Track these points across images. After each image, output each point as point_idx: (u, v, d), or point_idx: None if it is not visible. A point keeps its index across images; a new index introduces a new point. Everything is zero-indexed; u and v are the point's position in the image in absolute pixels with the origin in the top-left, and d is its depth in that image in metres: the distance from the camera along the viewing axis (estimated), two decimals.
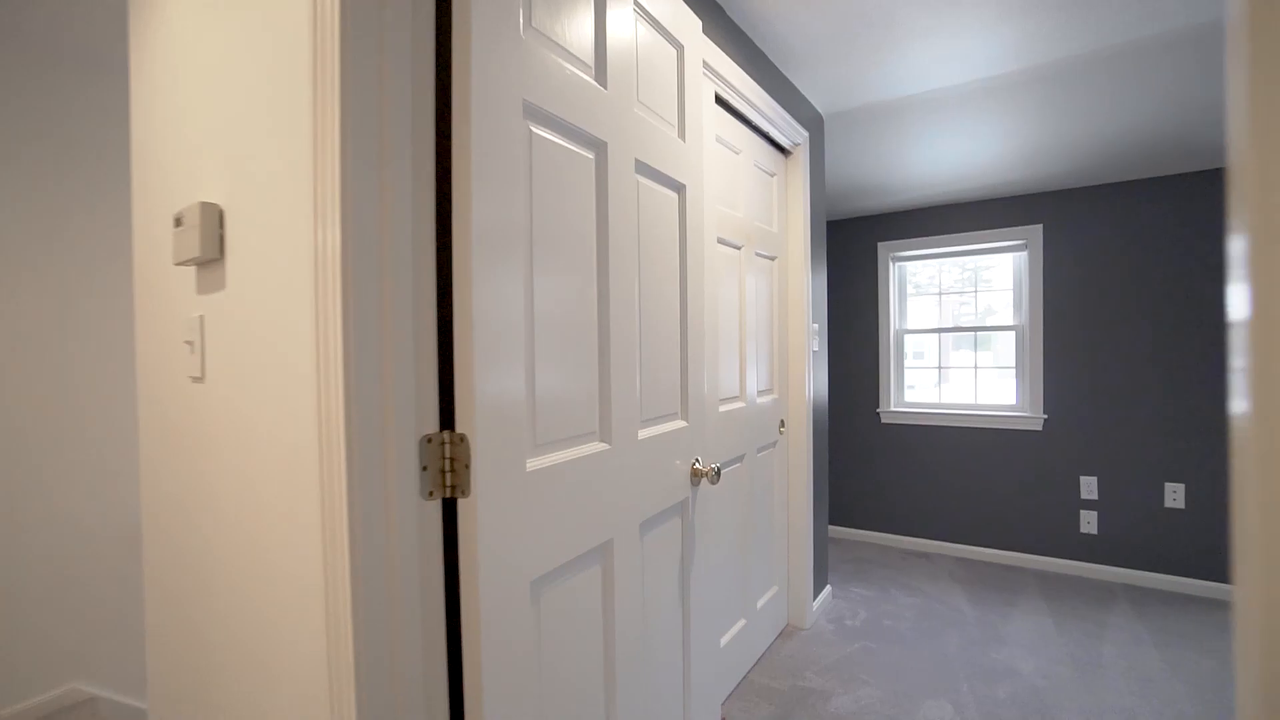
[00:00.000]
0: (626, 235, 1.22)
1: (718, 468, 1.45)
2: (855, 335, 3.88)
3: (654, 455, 1.30)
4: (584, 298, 1.10)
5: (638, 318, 1.26)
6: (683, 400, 1.45)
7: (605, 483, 1.14)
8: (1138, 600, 2.93)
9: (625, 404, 1.20)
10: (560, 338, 1.04)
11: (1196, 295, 2.97)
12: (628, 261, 1.22)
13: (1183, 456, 3.01)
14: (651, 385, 1.31)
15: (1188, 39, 2.16)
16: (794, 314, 2.60)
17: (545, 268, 1.01)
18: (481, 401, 0.86)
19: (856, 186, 3.43)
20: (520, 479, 0.93)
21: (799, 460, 2.63)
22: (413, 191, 0.84)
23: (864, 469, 3.86)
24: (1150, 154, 2.84)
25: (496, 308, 0.89)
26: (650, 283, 1.31)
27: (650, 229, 1.31)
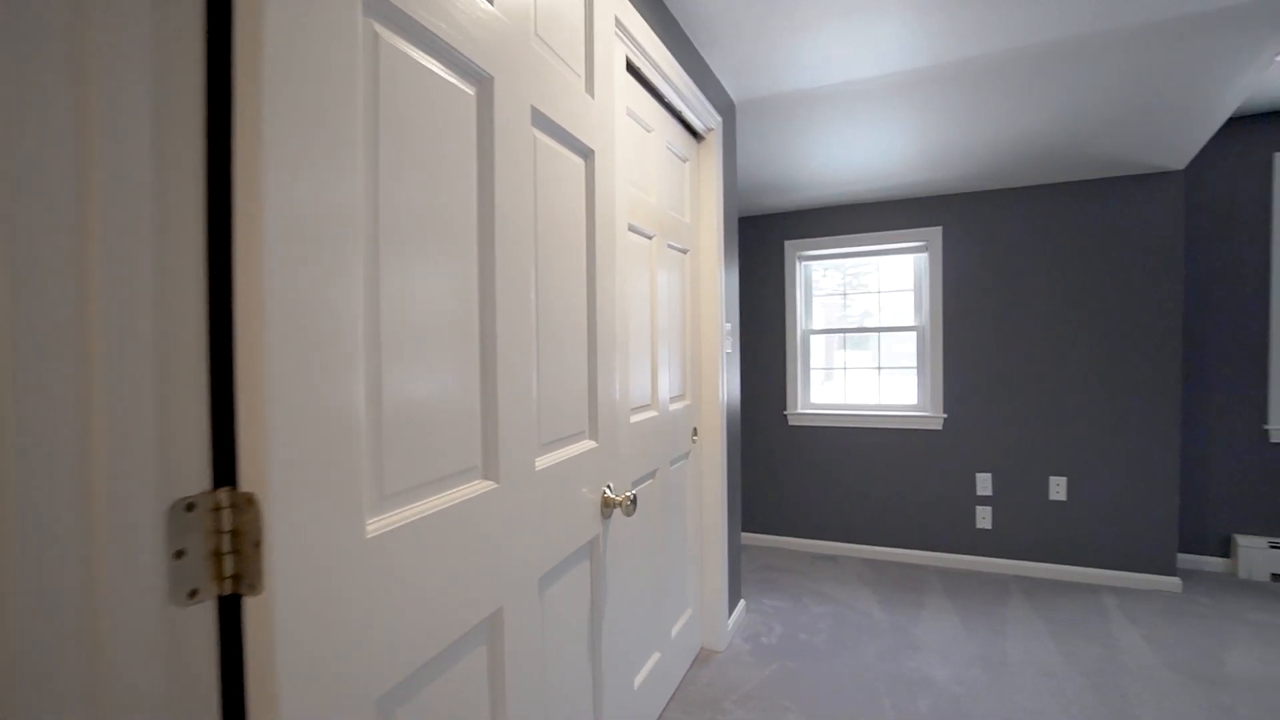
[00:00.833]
0: (520, 207, 0.93)
1: (633, 496, 1.19)
2: (762, 336, 3.80)
3: (557, 488, 1.03)
4: (461, 289, 0.81)
5: (534, 314, 0.98)
6: (592, 415, 1.19)
7: (492, 534, 0.85)
8: (1029, 591, 3.03)
9: (519, 426, 0.92)
10: (423, 345, 0.74)
11: (1082, 298, 3.13)
12: (521, 241, 0.93)
13: (1065, 451, 3.17)
14: (553, 400, 1.04)
15: (1083, 49, 2.19)
16: (707, 313, 2.41)
17: (399, 247, 0.70)
18: (281, 441, 0.54)
19: (765, 182, 3.33)
20: (355, 552, 0.63)
21: (713, 471, 2.45)
22: (152, 136, 0.51)
23: (771, 472, 3.79)
24: (1044, 160, 2.94)
25: (311, 305, 0.58)
26: (551, 270, 1.04)
27: (551, 201, 1.04)
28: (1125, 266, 3.05)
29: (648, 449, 1.89)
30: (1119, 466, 3.08)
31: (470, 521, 0.80)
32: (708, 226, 2.39)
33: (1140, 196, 3.02)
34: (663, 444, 2.03)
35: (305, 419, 0.57)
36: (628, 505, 1.18)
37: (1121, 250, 3.05)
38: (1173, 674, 2.29)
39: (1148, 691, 2.17)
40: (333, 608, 0.59)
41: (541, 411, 1.00)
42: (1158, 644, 2.50)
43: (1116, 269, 3.06)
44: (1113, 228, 3.07)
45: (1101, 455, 3.11)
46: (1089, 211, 3.10)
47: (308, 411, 0.57)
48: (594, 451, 1.17)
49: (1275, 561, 3.09)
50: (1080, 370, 3.13)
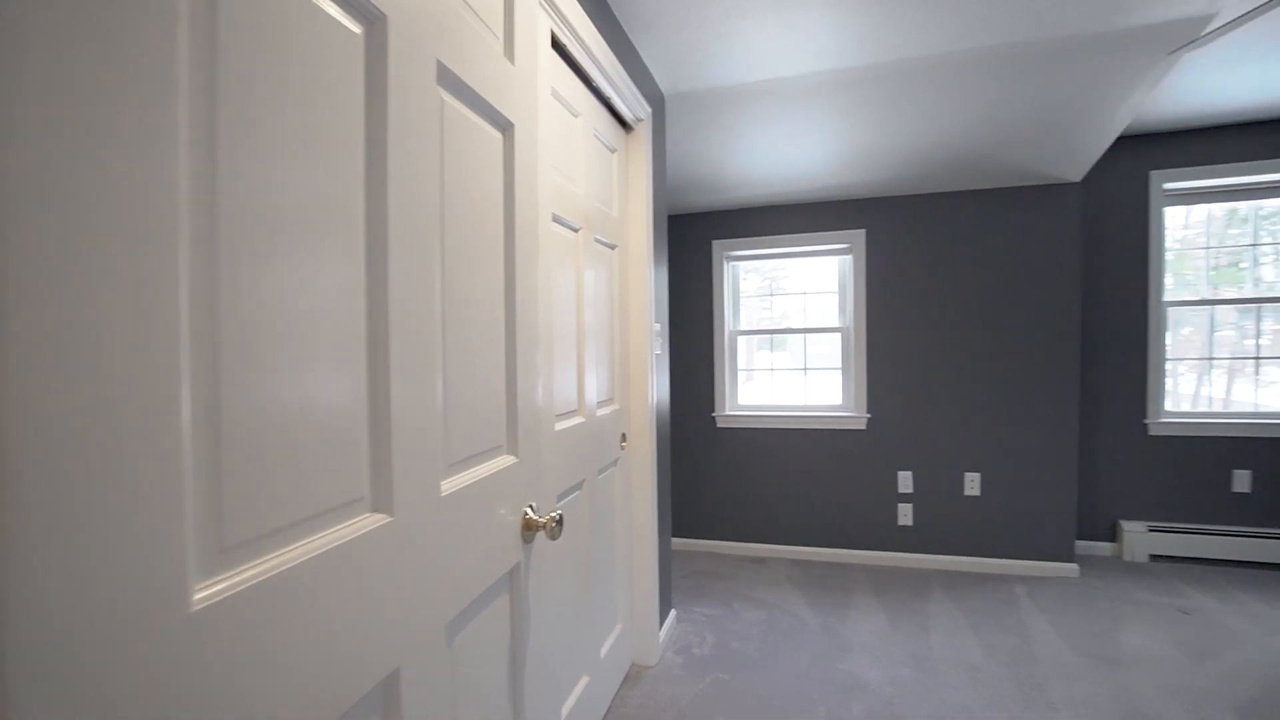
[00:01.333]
0: (422, 183, 0.77)
1: (559, 516, 1.05)
2: (690, 337, 3.74)
3: (469, 515, 0.87)
4: (342, 282, 0.64)
5: (440, 311, 0.83)
6: (511, 426, 1.04)
7: (384, 580, 0.69)
8: (948, 584, 3.13)
9: (419, 445, 0.76)
10: (285, 350, 0.57)
11: (993, 301, 3.26)
12: (423, 224, 0.78)
13: (979, 448, 3.30)
14: (464, 412, 0.88)
15: (996, 60, 2.26)
16: (636, 312, 2.30)
17: (247, 234, 0.53)
18: (30, 478, 0.37)
19: (694, 180, 3.27)
20: (172, 634, 0.45)
21: (643, 478, 2.34)
22: None
23: (701, 475, 3.73)
24: (960, 167, 3.04)
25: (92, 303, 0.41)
26: (462, 260, 0.88)
27: (462, 178, 0.88)
28: (1031, 271, 3.21)
29: (575, 459, 1.75)
30: (1025, 461, 3.25)
31: (354, 568, 0.64)
32: (637, 222, 2.28)
33: (1043, 205, 3.19)
34: (591, 453, 1.89)
35: (77, 448, 0.40)
36: (553, 527, 1.04)
37: (1027, 256, 3.22)
38: (1078, 658, 2.40)
39: (1059, 678, 2.26)
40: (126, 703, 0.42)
41: (450, 426, 0.84)
42: (1063, 629, 2.63)
43: (1023, 274, 3.23)
44: (1020, 234, 3.23)
45: (1010, 451, 3.26)
46: (1000, 218, 3.25)
47: (82, 437, 0.40)
48: (514, 468, 1.03)
49: (1154, 544, 3.36)
50: (991, 370, 3.28)
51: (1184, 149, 3.30)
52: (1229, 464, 3.32)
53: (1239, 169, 3.25)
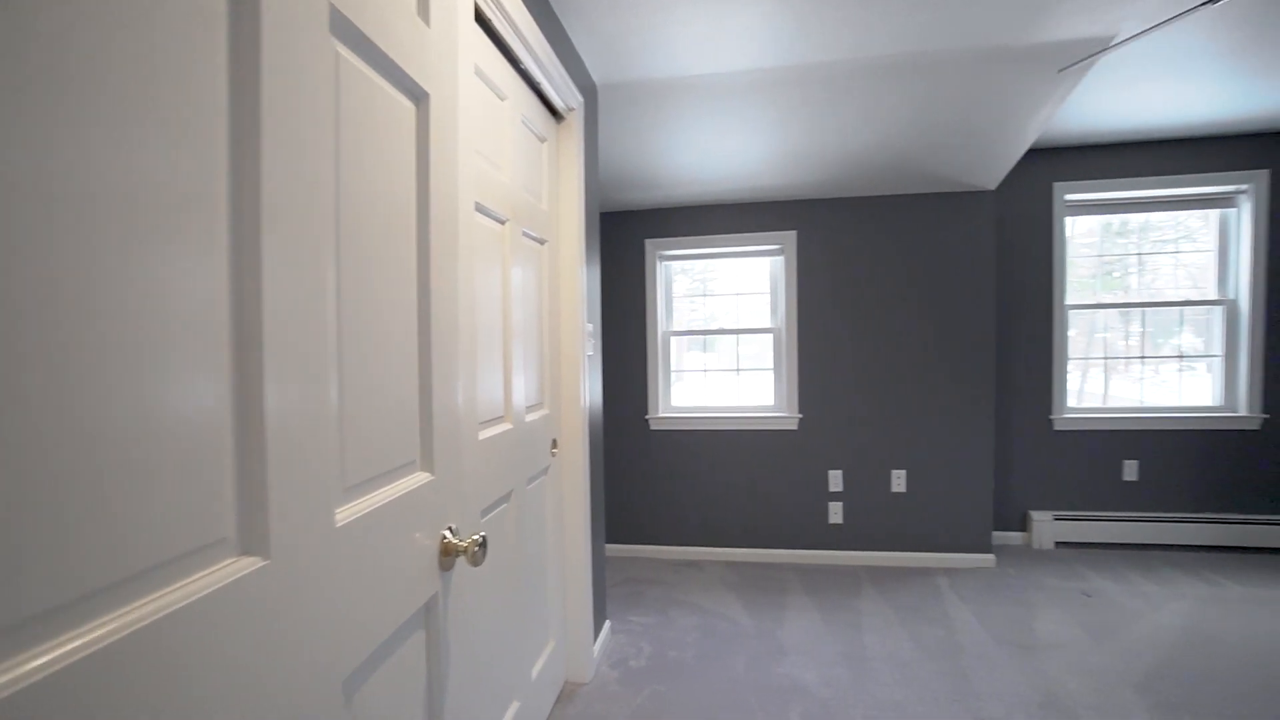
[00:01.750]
0: (310, 152, 0.64)
1: (482, 538, 0.94)
2: (622, 337, 3.66)
3: (373, 547, 0.74)
4: (197, 275, 0.51)
5: (333, 307, 0.69)
6: (426, 438, 0.91)
7: (259, 644, 0.55)
8: (877, 580, 3.19)
9: (305, 467, 0.62)
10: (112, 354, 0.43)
11: (917, 303, 3.37)
12: (310, 203, 0.64)
13: (905, 445, 3.40)
14: (367, 423, 0.75)
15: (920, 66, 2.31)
16: (567, 312, 2.19)
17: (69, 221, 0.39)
18: None
19: (627, 177, 3.19)
20: None
21: (575, 485, 2.23)
22: None
23: (634, 479, 3.66)
24: (887, 172, 3.11)
25: None
26: (363, 249, 0.75)
27: (365, 153, 0.75)
28: (951, 275, 3.34)
29: (501, 470, 1.62)
30: (947, 457, 3.37)
31: (211, 634, 0.50)
32: (568, 216, 2.17)
33: (963, 212, 3.33)
34: (519, 461, 1.77)
35: None
36: (475, 551, 0.92)
37: (948, 260, 3.34)
38: (999, 646, 2.49)
39: (982, 667, 2.33)
40: None
41: (348, 442, 0.71)
42: (984, 618, 2.73)
43: (944, 277, 3.35)
44: (941, 239, 3.35)
45: (933, 448, 3.38)
46: (923, 223, 3.36)
47: None
48: (430, 486, 0.90)
49: (1059, 531, 3.58)
50: (916, 370, 3.38)
51: (1083, 163, 3.54)
52: (1120, 455, 3.59)
53: (1126, 184, 3.51)
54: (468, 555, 0.91)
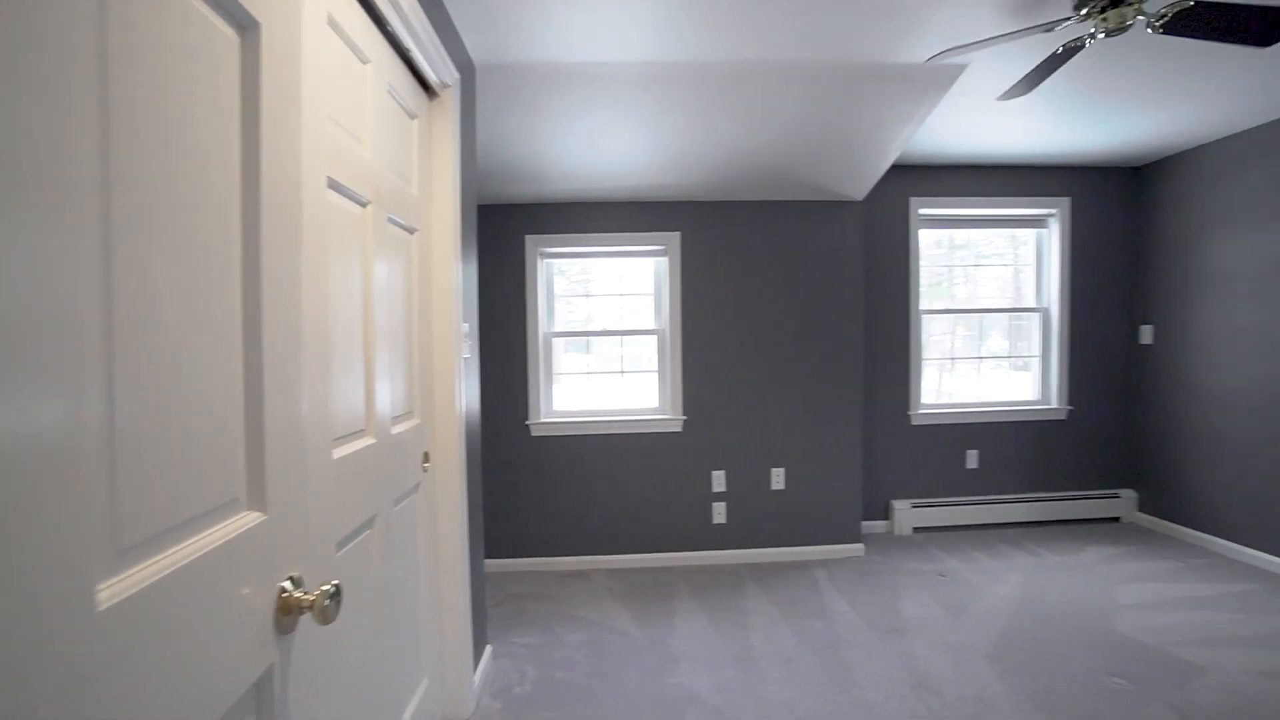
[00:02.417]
0: (49, 89, 0.44)
1: (335, 587, 0.75)
2: (501, 339, 3.44)
3: (166, 625, 0.54)
4: None
5: (100, 297, 0.49)
6: (254, 466, 0.71)
7: None
8: (760, 577, 3.26)
9: (29, 533, 0.42)
10: None
11: (795, 305, 3.49)
12: (50, 162, 0.44)
13: (783, 443, 3.51)
14: (157, 453, 0.55)
15: (798, 74, 2.37)
16: (441, 310, 1.97)
17: None
18: None
19: (507, 168, 2.99)
20: None
21: (451, 501, 2.01)
22: None
23: (515, 489, 3.45)
24: (767, 178, 3.19)
25: None
26: (160, 224, 0.55)
27: (149, 94, 0.54)
28: (824, 280, 3.51)
29: (363, 492, 1.39)
30: (821, 454, 3.54)
31: None
32: (442, 205, 1.95)
33: (835, 220, 3.51)
34: (385, 480, 1.54)
35: None
36: (325, 605, 0.73)
37: (822, 265, 3.51)
38: (872, 632, 2.62)
39: (859, 654, 2.43)
40: None
41: (122, 482, 0.51)
42: (858, 606, 2.87)
43: (818, 282, 3.51)
44: (816, 245, 3.50)
45: (809, 445, 3.53)
46: (800, 229, 3.49)
47: None
48: (261, 529, 0.70)
49: (916, 518, 3.90)
50: (794, 370, 3.51)
51: (932, 181, 3.88)
52: (964, 445, 3.98)
53: (965, 202, 3.91)
54: (315, 612, 0.72)
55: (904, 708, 2.09)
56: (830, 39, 2.16)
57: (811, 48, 2.22)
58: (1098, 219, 4.00)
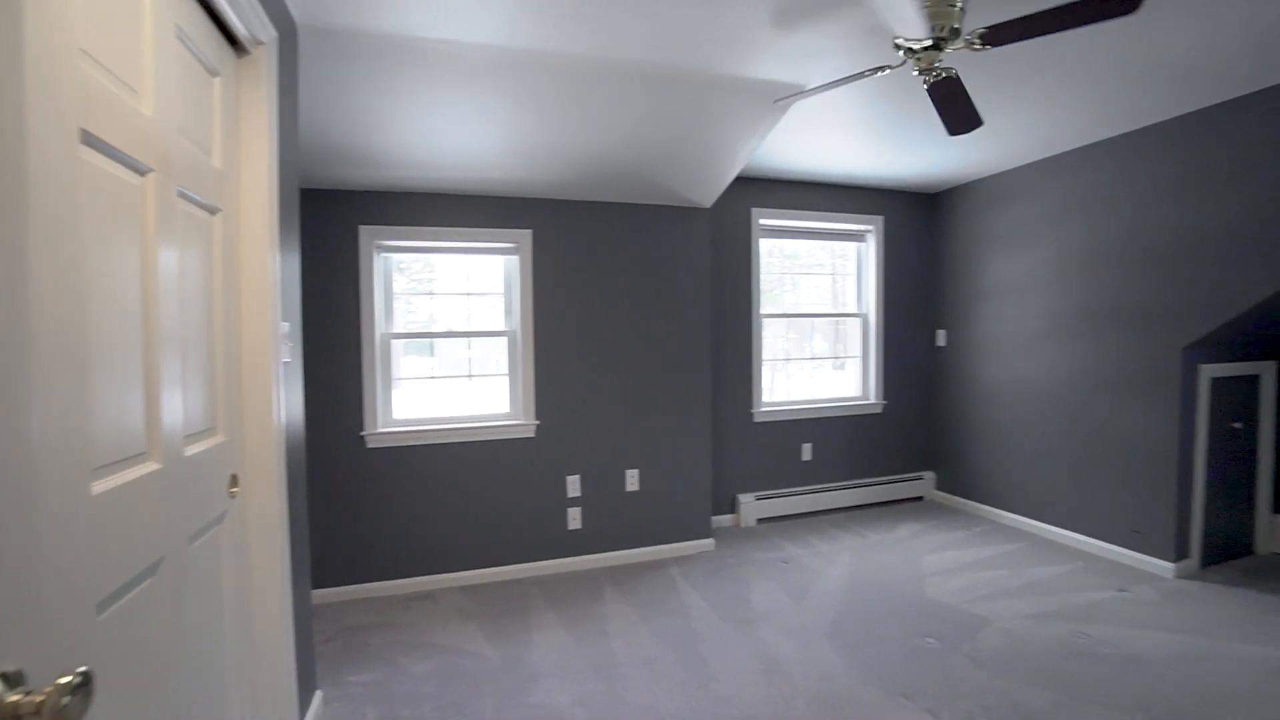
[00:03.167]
0: None
1: (83, 675, 0.56)
2: (331, 340, 3.07)
3: None
4: None
5: None
6: None
7: None
8: (618, 580, 3.24)
9: None
10: None
11: (647, 308, 3.52)
12: None
13: (637, 445, 3.54)
14: None
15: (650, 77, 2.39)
16: (254, 307, 1.67)
17: None
18: None
19: (339, 148, 2.66)
20: None
21: (267, 529, 1.72)
22: None
23: (349, 508, 3.09)
24: (621, 180, 3.17)
25: None
26: None
27: None
28: (675, 283, 3.59)
29: (139, 531, 1.11)
30: (673, 453, 3.61)
31: None
32: (255, 183, 1.65)
33: (686, 226, 3.60)
34: (174, 513, 1.25)
35: None
36: (62, 704, 0.54)
37: (673, 269, 3.58)
38: (726, 624, 2.72)
39: (716, 648, 2.50)
40: None
41: None
42: (712, 600, 2.97)
43: (669, 285, 3.58)
44: (668, 249, 3.57)
45: (661, 445, 3.59)
46: (652, 233, 3.54)
47: None
48: None
49: (760, 509, 4.15)
50: (647, 372, 3.54)
51: (771, 194, 4.16)
52: (799, 439, 4.32)
53: (796, 215, 4.25)
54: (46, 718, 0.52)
55: (759, 694, 2.18)
56: (678, 46, 2.19)
57: (662, 53, 2.24)
58: (905, 236, 4.57)
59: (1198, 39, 2.23)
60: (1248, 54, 2.37)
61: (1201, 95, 2.80)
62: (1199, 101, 2.87)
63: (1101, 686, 2.19)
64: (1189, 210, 3.02)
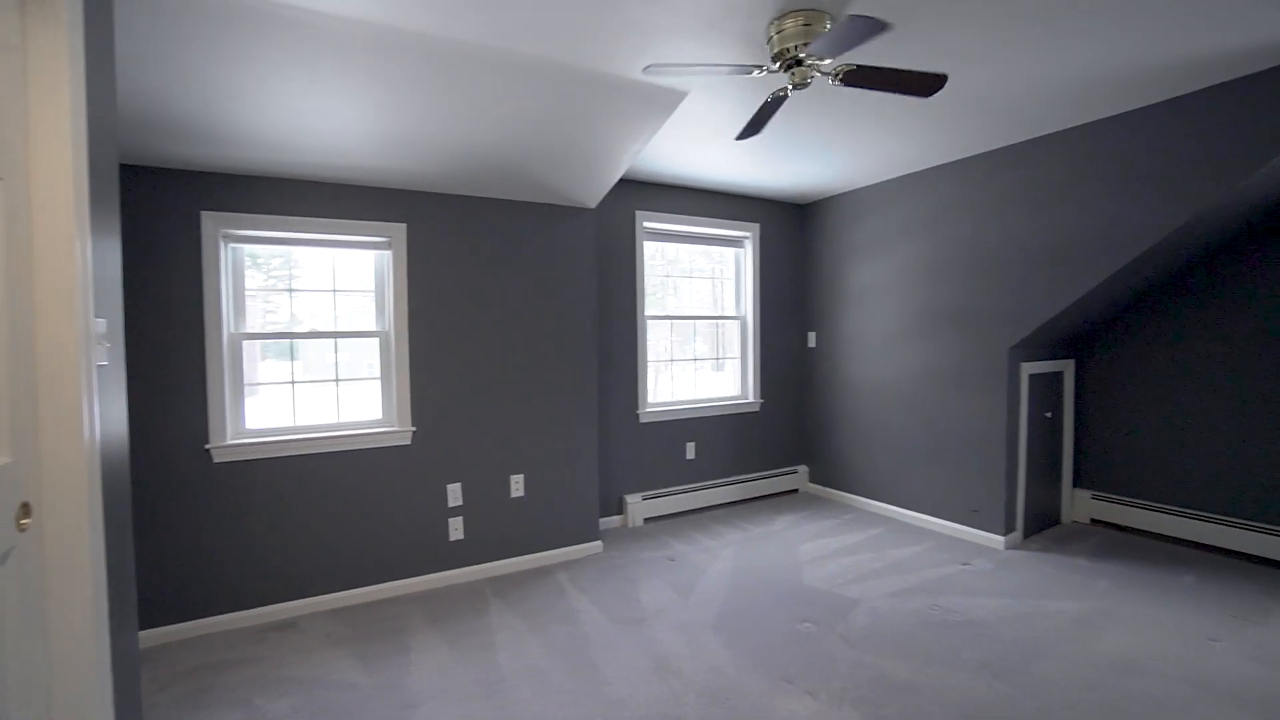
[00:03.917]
0: None
1: None
2: (167, 341, 2.67)
3: None
4: None
5: None
6: None
7: None
8: (503, 590, 3.12)
9: None
10: None
11: (531, 309, 3.41)
12: None
13: (522, 449, 3.42)
14: None
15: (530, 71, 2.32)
16: (53, 299, 1.39)
17: None
18: None
19: (173, 119, 2.31)
20: None
21: (73, 565, 1.44)
22: None
23: (189, 533, 2.71)
24: (502, 176, 3.05)
25: None
26: None
27: None
28: (560, 284, 3.53)
29: None
30: (559, 457, 3.55)
31: None
32: (52, 148, 1.38)
33: (571, 226, 3.55)
34: None
35: None
36: None
37: (558, 270, 3.52)
38: (616, 626, 2.70)
39: (607, 652, 2.48)
40: None
41: None
42: (600, 604, 2.94)
43: (555, 285, 3.51)
44: (553, 249, 3.50)
45: (548, 448, 3.51)
46: (537, 232, 3.45)
47: None
48: None
49: (647, 509, 4.19)
50: (531, 374, 3.44)
51: (655, 198, 4.23)
52: (683, 439, 4.42)
53: (678, 219, 4.36)
54: None
55: (650, 693, 2.18)
56: (563, 40, 2.14)
57: (547, 46, 2.18)
58: (779, 244, 4.84)
59: (1013, 86, 2.56)
60: (1056, 100, 2.76)
61: (1020, 131, 3.22)
62: (1017, 136, 3.31)
63: (952, 651, 2.44)
64: (1012, 228, 3.46)
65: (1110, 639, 2.52)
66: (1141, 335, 3.79)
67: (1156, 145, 2.85)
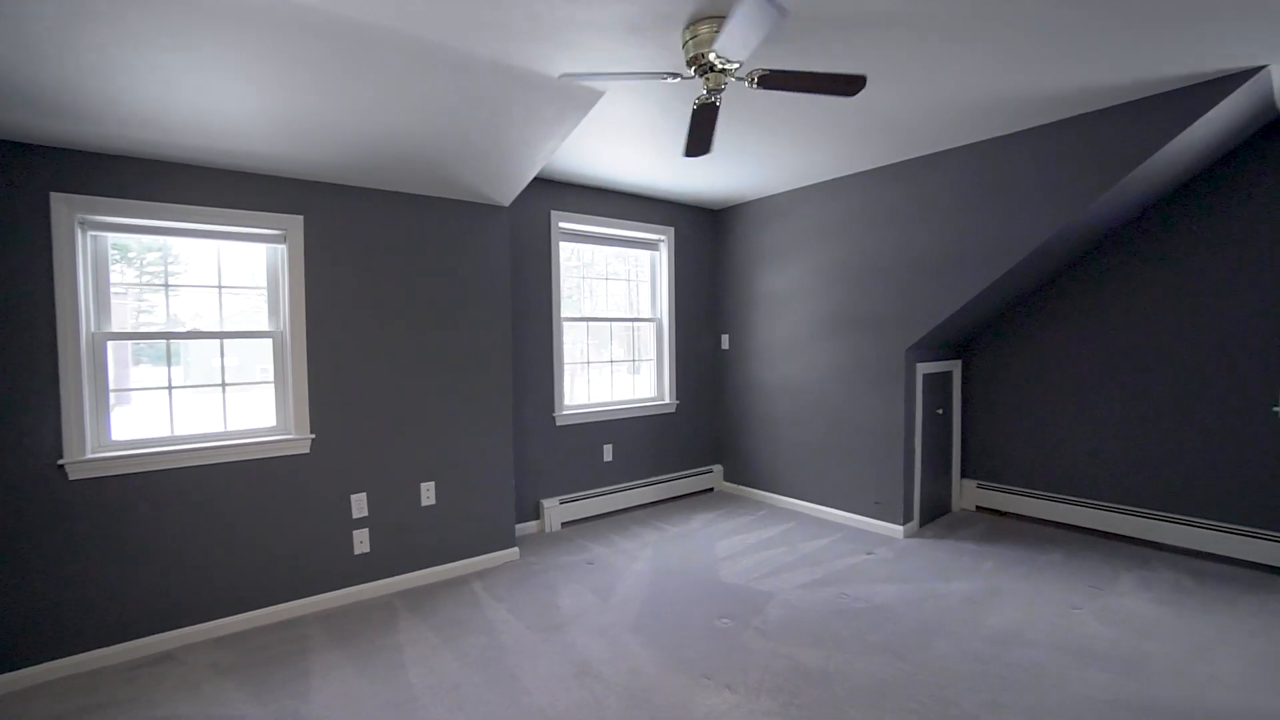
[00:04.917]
0: None
1: None
2: (10, 342, 2.33)
3: None
4: None
5: None
6: None
7: None
8: (414, 604, 2.96)
9: None
10: None
11: (442, 310, 3.27)
12: None
13: (433, 456, 3.27)
14: None
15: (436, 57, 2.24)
16: None
17: None
18: None
19: (25, 87, 2.01)
20: None
21: None
22: None
23: (36, 562, 2.36)
24: (409, 169, 2.90)
25: None
26: None
27: None
28: (472, 284, 3.41)
29: None
30: (473, 463, 3.42)
31: None
32: None
33: (483, 224, 3.44)
34: None
35: None
36: None
37: (469, 269, 3.40)
38: (534, 633, 2.64)
39: (526, 661, 2.41)
40: None
41: None
42: (518, 612, 2.86)
43: (466, 285, 3.39)
44: (463, 247, 3.37)
45: (460, 454, 3.37)
46: (447, 228, 3.31)
47: None
48: None
49: (564, 513, 4.13)
50: (441, 378, 3.30)
51: (570, 198, 4.19)
52: (600, 441, 4.41)
53: (594, 220, 4.35)
54: None
55: (571, 700, 2.14)
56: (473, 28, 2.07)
57: (456, 33, 2.09)
58: (694, 247, 4.95)
59: (904, 107, 2.77)
60: (953, 121, 3.00)
61: (915, 148, 3.48)
62: (913, 152, 3.57)
63: (859, 637, 2.58)
64: (907, 238, 3.73)
65: (996, 615, 2.76)
66: (1013, 339, 4.19)
67: (1029, 166, 3.17)
